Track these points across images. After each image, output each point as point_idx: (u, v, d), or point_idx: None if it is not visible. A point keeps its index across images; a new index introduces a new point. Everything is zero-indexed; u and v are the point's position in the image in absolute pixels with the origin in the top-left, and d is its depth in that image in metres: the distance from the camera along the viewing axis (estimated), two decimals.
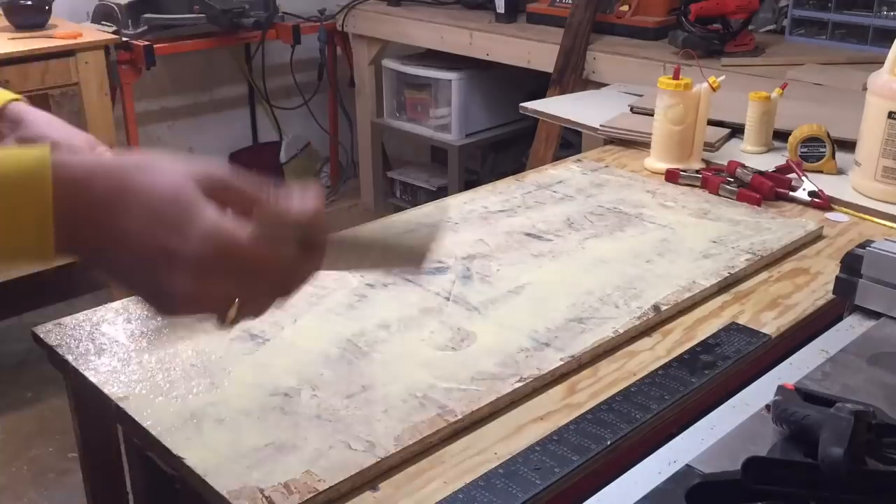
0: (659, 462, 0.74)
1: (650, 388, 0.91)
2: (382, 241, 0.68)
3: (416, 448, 0.82)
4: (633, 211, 1.37)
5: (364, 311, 1.06)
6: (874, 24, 2.60)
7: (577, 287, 1.12)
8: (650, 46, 2.67)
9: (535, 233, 1.29)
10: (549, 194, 1.44)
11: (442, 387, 0.90)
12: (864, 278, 1.00)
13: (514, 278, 1.14)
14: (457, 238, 1.27)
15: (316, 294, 1.09)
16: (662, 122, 1.57)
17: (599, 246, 1.24)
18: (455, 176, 3.31)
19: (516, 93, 2.96)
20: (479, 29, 3.03)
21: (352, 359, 0.96)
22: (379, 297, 1.09)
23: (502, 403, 0.89)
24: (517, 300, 1.09)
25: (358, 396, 0.89)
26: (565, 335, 1.00)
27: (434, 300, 1.08)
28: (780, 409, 0.75)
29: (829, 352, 0.93)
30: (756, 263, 1.20)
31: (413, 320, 1.04)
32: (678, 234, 1.28)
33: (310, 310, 1.06)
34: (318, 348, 0.97)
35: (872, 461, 0.68)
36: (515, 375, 0.92)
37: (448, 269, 1.16)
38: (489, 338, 1.00)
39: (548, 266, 1.18)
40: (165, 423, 0.84)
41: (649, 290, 1.10)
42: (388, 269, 0.95)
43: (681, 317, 1.07)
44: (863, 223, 1.37)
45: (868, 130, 1.44)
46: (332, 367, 0.94)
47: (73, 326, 1.02)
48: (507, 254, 1.22)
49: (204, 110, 3.68)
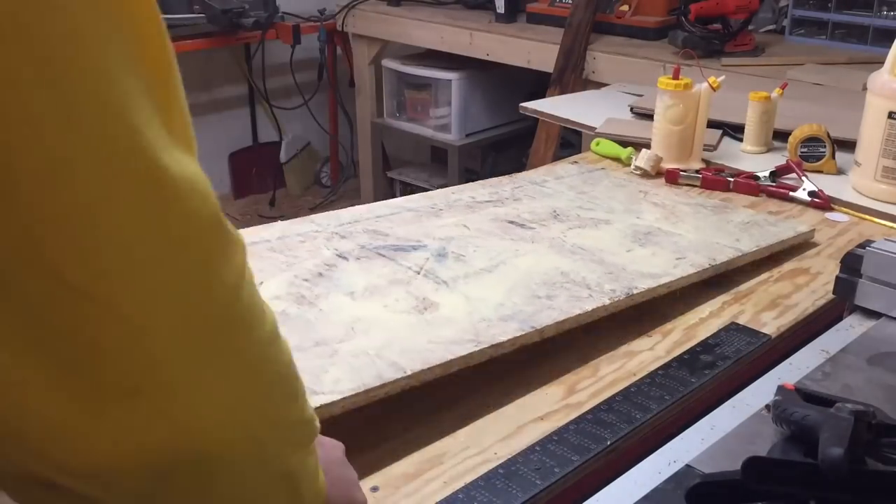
0: (659, 462, 0.74)
1: (650, 388, 0.91)
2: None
3: (361, 400, 0.81)
4: (621, 207, 1.36)
5: (331, 279, 1.05)
6: (874, 24, 2.60)
7: (552, 269, 1.10)
8: (650, 46, 2.67)
9: (519, 221, 1.28)
10: (540, 189, 1.44)
11: (396, 347, 0.89)
12: (864, 278, 1.00)
13: (490, 258, 1.13)
14: (439, 222, 1.26)
15: (286, 262, 1.09)
16: (662, 122, 1.57)
17: (583, 235, 1.23)
18: (455, 176, 3.31)
19: (516, 93, 2.96)
20: (479, 29, 3.03)
21: (310, 318, 0.95)
22: (350, 267, 1.09)
23: (454, 366, 0.88)
24: (488, 277, 1.08)
25: (309, 350, 0.88)
26: (529, 309, 0.99)
27: (404, 273, 1.08)
28: (780, 409, 0.75)
29: (829, 352, 0.93)
30: (739, 259, 1.18)
31: (379, 289, 1.03)
32: (664, 229, 1.27)
33: (278, 274, 1.06)
34: (278, 308, 0.97)
35: (872, 461, 0.68)
36: (472, 341, 0.91)
37: (425, 248, 1.16)
38: (453, 308, 0.99)
39: (525, 249, 1.17)
40: None
41: (625, 276, 1.09)
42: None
43: (681, 317, 1.07)
44: (863, 223, 1.37)
45: (868, 130, 1.44)
46: (289, 323, 0.93)
47: None
48: (487, 240, 1.20)
49: (204, 110, 3.68)
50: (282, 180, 3.96)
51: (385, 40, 3.47)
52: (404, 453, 0.82)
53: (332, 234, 1.20)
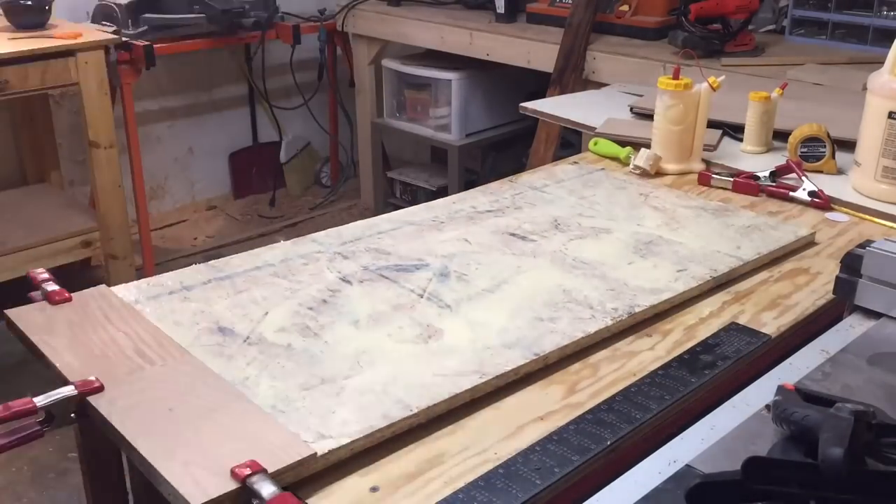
0: (659, 462, 0.74)
1: (650, 388, 0.91)
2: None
3: (368, 442, 0.82)
4: (623, 213, 1.36)
5: (335, 306, 1.06)
6: (874, 24, 2.60)
7: (555, 287, 1.11)
8: (650, 46, 2.67)
9: (521, 233, 1.28)
10: (540, 195, 1.44)
11: (402, 382, 0.90)
12: (864, 278, 1.00)
13: (492, 277, 1.14)
14: (441, 236, 1.26)
15: (290, 288, 1.09)
16: (662, 122, 1.57)
17: (584, 247, 1.23)
18: (455, 176, 3.31)
19: (516, 93, 2.96)
20: (479, 29, 3.03)
21: (315, 352, 0.95)
22: (353, 292, 1.09)
23: (460, 400, 0.89)
24: (491, 298, 1.09)
25: (316, 388, 0.88)
26: (533, 334, 1.00)
27: (408, 297, 1.08)
28: (780, 409, 0.75)
29: (829, 352, 0.93)
30: (741, 268, 1.18)
31: (383, 316, 1.04)
32: (665, 237, 1.27)
33: (282, 303, 1.06)
34: (283, 342, 0.97)
35: (872, 461, 0.68)
36: (477, 373, 0.92)
37: (427, 267, 1.16)
38: (457, 337, 0.99)
39: (527, 265, 1.18)
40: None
41: (626, 293, 1.10)
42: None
43: (681, 317, 1.07)
44: (863, 223, 1.37)
45: (868, 130, 1.44)
46: (294, 358, 0.94)
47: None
48: (488, 254, 1.21)
49: (204, 110, 3.68)
50: (282, 180, 3.96)
51: (385, 40, 3.47)
52: (404, 453, 0.82)
53: (335, 254, 1.20)
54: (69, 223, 2.92)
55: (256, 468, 0.74)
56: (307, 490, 0.77)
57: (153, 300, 1.06)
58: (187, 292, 1.08)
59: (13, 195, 3.12)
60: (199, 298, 1.07)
